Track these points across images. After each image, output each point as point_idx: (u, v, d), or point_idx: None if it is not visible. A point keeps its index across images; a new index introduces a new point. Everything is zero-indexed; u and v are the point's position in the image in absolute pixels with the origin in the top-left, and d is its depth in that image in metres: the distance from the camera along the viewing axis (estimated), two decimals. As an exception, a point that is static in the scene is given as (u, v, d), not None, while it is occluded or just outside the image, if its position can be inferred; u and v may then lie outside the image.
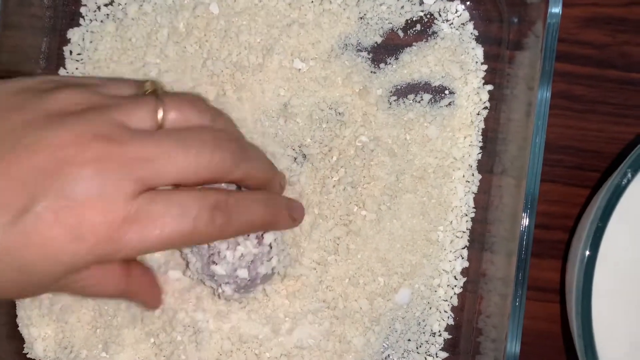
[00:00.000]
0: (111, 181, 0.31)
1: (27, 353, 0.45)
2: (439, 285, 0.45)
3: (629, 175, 0.37)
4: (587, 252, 0.38)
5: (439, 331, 0.45)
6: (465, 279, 0.45)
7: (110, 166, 0.31)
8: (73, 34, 0.46)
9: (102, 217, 0.31)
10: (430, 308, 0.45)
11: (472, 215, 0.45)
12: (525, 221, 0.39)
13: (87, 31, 0.46)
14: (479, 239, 0.45)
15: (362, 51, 0.46)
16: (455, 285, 0.45)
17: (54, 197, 0.30)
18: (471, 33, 0.46)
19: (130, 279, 0.36)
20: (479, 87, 0.45)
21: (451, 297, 0.45)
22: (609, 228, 0.37)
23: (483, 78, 0.45)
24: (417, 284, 0.45)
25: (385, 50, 0.46)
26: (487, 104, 0.45)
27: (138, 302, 0.41)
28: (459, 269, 0.45)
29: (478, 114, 0.45)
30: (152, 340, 0.44)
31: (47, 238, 0.30)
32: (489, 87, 0.45)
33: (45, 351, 0.44)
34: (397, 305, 0.45)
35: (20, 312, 0.45)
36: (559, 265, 0.47)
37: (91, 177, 0.31)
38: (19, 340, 0.45)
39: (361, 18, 0.46)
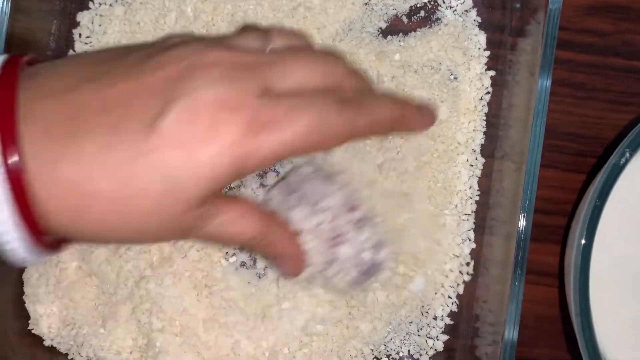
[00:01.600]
0: (239, 80, 0.32)
1: (32, 329, 0.45)
2: (450, 270, 0.46)
3: (627, 154, 0.37)
4: (585, 230, 0.38)
5: (442, 316, 0.46)
6: (473, 263, 0.46)
7: (234, 68, 0.32)
8: (82, 17, 0.47)
9: (234, 113, 0.31)
10: (436, 293, 0.46)
11: (477, 198, 0.46)
12: (525, 205, 0.40)
13: (96, 14, 0.47)
14: (480, 223, 0.46)
15: (366, 36, 0.46)
16: (467, 272, 0.46)
17: (186, 98, 0.31)
18: (474, 20, 0.46)
19: (269, 227, 0.37)
20: (481, 73, 0.46)
21: (458, 284, 0.46)
22: (607, 207, 0.38)
23: (485, 64, 0.46)
24: (430, 270, 0.45)
25: (390, 35, 0.46)
26: (490, 89, 0.46)
27: (278, 261, 0.39)
28: (467, 251, 0.46)
29: (481, 99, 0.46)
30: (138, 320, 0.44)
31: (184, 137, 0.30)
32: (491, 72, 0.46)
33: (50, 328, 0.45)
34: (413, 294, 0.45)
35: (27, 290, 0.45)
36: (558, 250, 0.47)
37: (219, 77, 0.32)
38: (26, 318, 0.45)
39: (366, 4, 0.46)
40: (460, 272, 0.46)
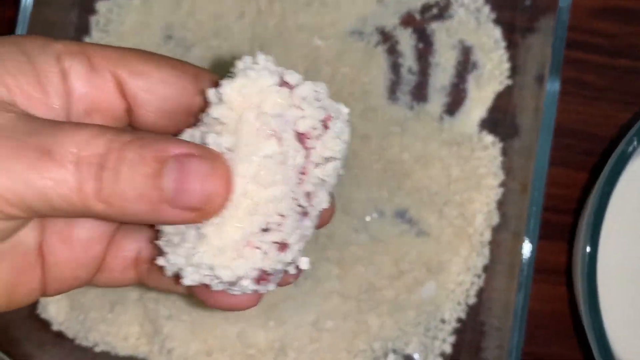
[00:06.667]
0: None
1: (40, 314, 0.45)
2: (463, 280, 0.45)
3: (635, 142, 0.37)
4: (593, 218, 0.38)
5: (450, 320, 0.46)
6: (485, 275, 0.46)
7: None
8: (101, 6, 0.47)
9: None
10: (447, 297, 0.45)
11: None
12: (534, 201, 0.40)
13: (115, 5, 0.47)
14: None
15: (379, 32, 0.47)
16: (479, 284, 0.46)
17: None
18: (487, 15, 0.47)
19: None
20: (494, 69, 0.46)
21: (469, 295, 0.45)
22: (614, 201, 0.38)
23: (500, 60, 0.46)
24: (442, 277, 0.45)
25: (402, 32, 0.47)
26: (501, 87, 0.46)
27: None
28: (480, 265, 0.45)
29: (494, 95, 0.46)
30: (145, 306, 0.44)
31: None
32: (506, 65, 0.46)
33: (58, 312, 0.45)
34: (422, 299, 0.45)
35: (37, 275, 0.45)
36: (566, 248, 0.47)
37: None
38: (34, 302, 0.45)
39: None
40: (473, 282, 0.46)
